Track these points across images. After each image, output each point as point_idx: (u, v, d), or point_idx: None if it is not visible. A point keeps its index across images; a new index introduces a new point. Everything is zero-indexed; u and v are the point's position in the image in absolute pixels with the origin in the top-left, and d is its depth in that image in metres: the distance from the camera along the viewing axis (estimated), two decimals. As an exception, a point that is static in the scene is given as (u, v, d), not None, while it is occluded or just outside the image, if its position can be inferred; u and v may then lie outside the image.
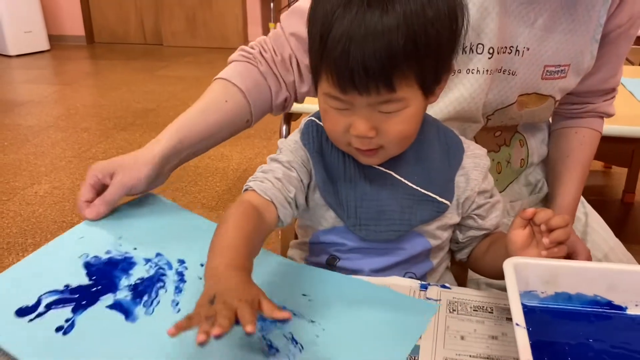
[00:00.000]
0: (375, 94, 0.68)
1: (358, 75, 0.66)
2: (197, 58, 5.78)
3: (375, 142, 0.73)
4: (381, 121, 0.71)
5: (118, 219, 0.84)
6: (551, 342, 0.64)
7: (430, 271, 0.87)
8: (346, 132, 0.73)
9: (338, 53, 0.66)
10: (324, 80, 0.71)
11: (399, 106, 0.70)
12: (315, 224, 0.86)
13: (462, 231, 0.87)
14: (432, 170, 0.82)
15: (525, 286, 0.69)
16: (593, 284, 0.69)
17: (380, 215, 0.81)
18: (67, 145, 3.32)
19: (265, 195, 0.77)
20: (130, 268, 0.74)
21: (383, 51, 0.65)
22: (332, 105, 0.73)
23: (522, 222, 0.73)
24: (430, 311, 0.72)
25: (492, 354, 0.65)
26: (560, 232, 0.70)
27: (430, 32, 0.67)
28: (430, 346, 0.66)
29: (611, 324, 0.67)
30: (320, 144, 0.83)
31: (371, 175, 0.81)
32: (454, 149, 0.84)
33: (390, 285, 0.77)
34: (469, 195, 0.83)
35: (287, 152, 0.83)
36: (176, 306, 0.69)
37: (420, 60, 0.68)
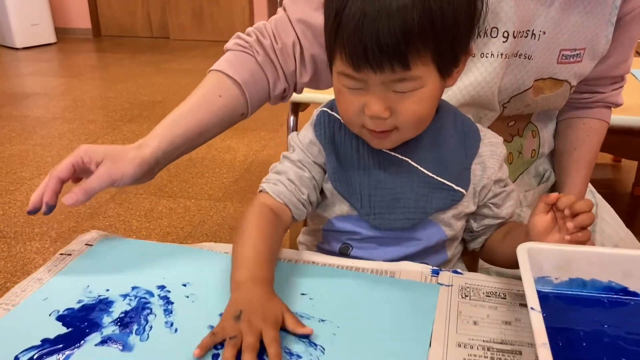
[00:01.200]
0: (389, 71, 0.66)
1: (372, 52, 0.65)
2: (203, 51, 5.77)
3: (389, 123, 0.72)
4: (396, 101, 0.70)
5: (79, 272, 0.76)
6: (565, 328, 0.63)
7: (444, 262, 0.86)
8: (360, 113, 0.72)
9: (352, 29, 0.65)
10: (338, 58, 0.70)
11: (414, 85, 0.69)
12: (329, 213, 0.85)
13: (477, 220, 0.86)
14: (448, 157, 0.81)
15: (539, 272, 0.68)
16: (607, 270, 0.68)
17: (395, 204, 0.79)
18: (74, 136, 3.32)
19: (279, 198, 0.79)
20: (109, 307, 0.68)
21: (397, 27, 0.63)
22: (346, 85, 0.71)
23: (545, 207, 0.72)
24: (434, 291, 0.72)
25: (506, 339, 0.64)
26: (585, 216, 0.69)
27: (446, 10, 0.65)
28: (442, 331, 0.65)
29: (626, 310, 0.66)
30: (332, 133, 0.82)
31: (386, 163, 0.80)
32: (470, 137, 0.83)
33: (402, 271, 0.76)
34: (486, 184, 0.82)
35: (298, 151, 0.83)
36: (171, 326, 0.65)
37: (436, 38, 0.66)
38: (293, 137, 0.85)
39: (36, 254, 2.11)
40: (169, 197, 2.57)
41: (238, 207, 2.47)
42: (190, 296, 0.71)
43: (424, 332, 0.65)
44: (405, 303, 0.70)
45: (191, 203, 2.51)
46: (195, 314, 0.67)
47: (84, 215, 2.40)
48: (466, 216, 0.85)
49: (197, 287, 0.72)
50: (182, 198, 2.56)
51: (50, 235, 2.25)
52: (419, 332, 0.65)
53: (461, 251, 0.91)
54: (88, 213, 2.42)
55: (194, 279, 0.74)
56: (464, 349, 0.63)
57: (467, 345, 0.63)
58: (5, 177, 2.76)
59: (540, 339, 0.54)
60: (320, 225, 0.87)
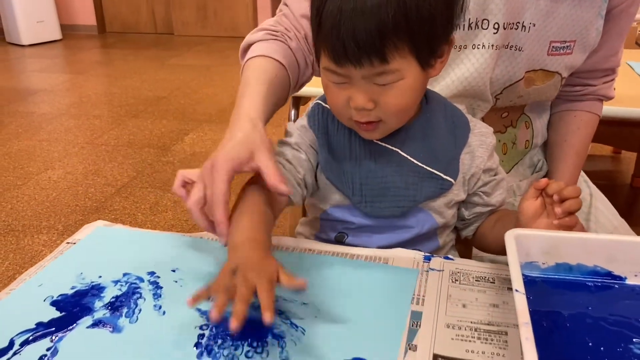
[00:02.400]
0: (368, 65, 0.69)
1: (350, 48, 0.68)
2: (207, 47, 5.80)
3: (374, 114, 0.75)
4: (378, 93, 0.73)
5: (72, 260, 0.79)
6: (551, 311, 0.66)
7: (436, 250, 0.89)
8: (346, 106, 0.75)
9: (330, 27, 0.68)
10: (323, 54, 0.73)
11: (394, 77, 0.71)
12: (324, 204, 0.87)
13: (468, 208, 0.89)
14: (437, 147, 0.83)
15: (527, 257, 0.71)
16: (593, 255, 0.70)
17: (385, 192, 0.82)
18: (80, 132, 3.36)
19: None
20: (101, 292, 0.71)
21: (373, 23, 0.66)
22: (332, 80, 0.75)
23: (534, 192, 0.74)
24: (413, 275, 0.74)
25: (493, 321, 0.67)
26: (572, 202, 0.71)
27: (422, 5, 0.68)
28: (432, 313, 0.68)
29: (611, 293, 0.69)
30: (326, 124, 0.85)
31: (376, 153, 0.83)
32: (460, 127, 0.85)
33: (394, 257, 0.79)
34: (475, 172, 0.85)
35: (295, 135, 0.85)
36: (160, 309, 0.68)
37: (412, 32, 0.68)
38: (290, 124, 0.88)
39: (44, 247, 2.15)
40: (174, 191, 2.60)
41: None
42: (178, 281, 0.74)
43: (401, 314, 0.67)
44: (385, 287, 0.73)
45: (195, 197, 2.54)
46: (183, 297, 0.69)
47: (90, 209, 2.43)
48: (457, 204, 0.87)
49: (186, 273, 0.75)
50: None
51: (57, 228, 2.28)
52: (396, 314, 0.67)
53: (454, 239, 0.93)
54: (94, 207, 2.45)
55: (183, 265, 0.77)
56: (452, 329, 0.65)
57: (456, 326, 0.66)
58: (13, 172, 2.80)
59: (523, 318, 0.56)
60: (316, 214, 0.90)
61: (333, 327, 0.65)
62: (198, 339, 0.63)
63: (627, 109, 1.46)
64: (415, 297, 0.71)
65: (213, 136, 3.27)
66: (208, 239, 0.84)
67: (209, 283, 0.64)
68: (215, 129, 3.38)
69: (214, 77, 4.56)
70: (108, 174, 2.78)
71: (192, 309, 0.68)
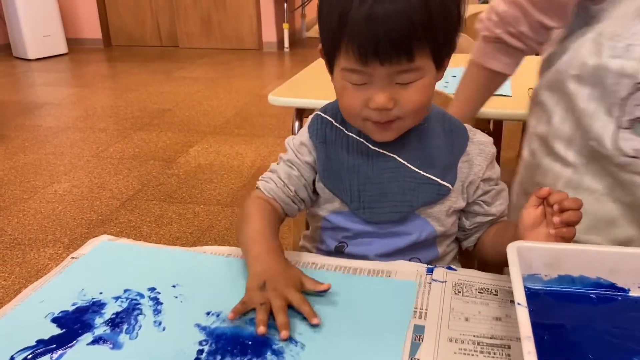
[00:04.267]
0: (396, 63, 0.72)
1: (382, 44, 0.70)
2: (212, 59, 5.83)
3: (393, 113, 0.77)
4: (398, 92, 0.75)
5: (73, 276, 0.79)
6: (553, 324, 0.65)
7: (436, 259, 0.89)
8: (364, 108, 0.77)
9: (362, 24, 0.70)
10: (343, 56, 0.75)
11: (415, 76, 0.75)
12: (323, 211, 0.89)
13: (469, 217, 0.89)
14: (434, 154, 0.85)
15: (529, 269, 0.71)
16: (595, 267, 0.70)
17: (383, 198, 0.84)
18: (86, 145, 3.38)
19: (268, 194, 0.87)
20: (101, 309, 0.72)
21: (404, 20, 0.70)
22: (351, 80, 0.76)
23: (536, 200, 0.74)
24: (412, 288, 0.74)
25: (496, 334, 0.66)
26: (572, 213, 0.71)
27: (442, 11, 0.72)
28: (435, 327, 0.68)
29: (614, 305, 0.68)
30: (324, 133, 0.87)
31: (374, 159, 0.84)
32: (458, 136, 0.87)
33: (397, 270, 0.79)
34: (473, 180, 0.86)
35: (290, 152, 0.89)
36: (159, 325, 0.68)
37: (434, 31, 0.72)
38: (288, 140, 0.91)
39: (50, 260, 2.16)
40: (178, 203, 2.61)
41: (246, 213, 2.50)
42: (179, 296, 0.74)
43: (401, 328, 0.67)
44: (385, 301, 0.73)
45: (200, 208, 2.55)
46: (183, 313, 0.71)
47: (95, 222, 2.44)
48: (456, 213, 0.88)
49: (186, 288, 0.76)
50: (191, 204, 2.59)
51: (63, 241, 2.29)
52: (395, 328, 0.67)
53: (456, 250, 0.93)
54: (99, 220, 2.46)
55: (183, 280, 0.77)
56: (455, 343, 0.65)
57: (458, 340, 0.66)
58: (20, 186, 2.82)
59: (525, 332, 0.56)
60: (317, 223, 0.91)
61: (332, 343, 0.65)
62: (197, 355, 0.63)
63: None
64: (418, 310, 0.71)
65: (218, 148, 3.28)
66: (208, 254, 0.84)
67: (242, 300, 0.70)
68: (219, 141, 3.40)
69: (219, 89, 4.58)
70: (113, 187, 2.79)
71: (192, 325, 0.68)
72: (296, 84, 1.86)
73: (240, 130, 3.59)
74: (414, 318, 0.69)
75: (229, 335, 0.66)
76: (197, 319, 0.69)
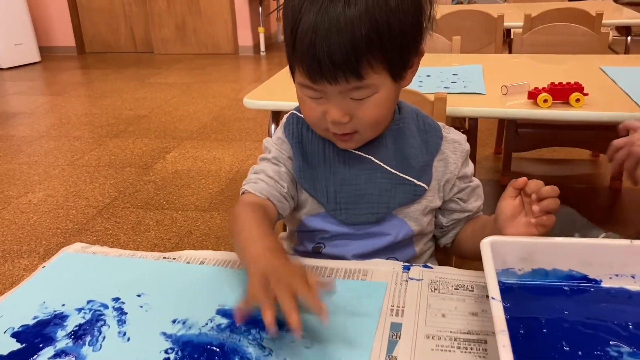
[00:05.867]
0: (344, 82, 0.71)
1: (325, 67, 0.70)
2: (188, 64, 5.79)
3: (350, 126, 0.77)
4: (354, 107, 0.75)
5: (35, 289, 0.77)
6: (528, 317, 0.66)
7: (413, 258, 0.89)
8: (323, 119, 0.77)
9: (306, 46, 0.70)
10: (298, 71, 0.74)
11: (369, 92, 0.74)
12: (300, 213, 0.88)
13: (446, 215, 0.90)
14: (410, 155, 0.85)
15: (503, 264, 0.71)
16: (568, 259, 0.71)
17: (359, 199, 0.84)
18: (60, 153, 3.33)
19: (261, 194, 0.83)
20: (63, 321, 0.70)
21: (347, 42, 0.68)
22: (307, 95, 0.76)
23: (513, 191, 0.75)
24: (381, 289, 0.74)
25: (472, 329, 0.67)
26: (550, 201, 0.72)
27: (393, 21, 0.70)
28: (412, 324, 0.68)
29: (586, 297, 0.69)
30: (300, 134, 0.86)
31: (350, 161, 0.84)
32: (432, 135, 0.87)
33: (373, 269, 0.79)
34: (449, 179, 0.86)
35: (273, 150, 0.87)
36: (124, 336, 0.67)
37: (385, 48, 0.71)
38: (267, 140, 0.90)
39: (25, 271, 2.12)
40: (156, 209, 2.58)
41: (225, 217, 2.48)
42: (144, 306, 0.73)
43: (370, 329, 0.67)
44: (356, 302, 0.72)
45: (178, 214, 2.53)
46: (148, 322, 0.69)
47: (71, 232, 2.41)
48: (433, 211, 0.88)
49: (152, 297, 0.74)
50: (169, 210, 2.57)
51: (38, 252, 2.25)
52: (365, 329, 0.67)
53: (432, 248, 0.94)
54: (76, 229, 2.43)
55: (149, 289, 0.76)
56: (432, 340, 0.65)
57: (435, 336, 0.66)
58: (-8, 197, 2.77)
59: (500, 326, 0.56)
60: (294, 226, 0.91)
61: (300, 346, 0.64)
62: None
63: (602, 113, 1.48)
64: (395, 308, 0.71)
65: (195, 153, 3.26)
66: (173, 261, 0.83)
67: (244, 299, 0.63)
68: (196, 146, 3.37)
69: (195, 94, 4.55)
70: (89, 195, 2.75)
71: (157, 333, 0.67)
72: (272, 87, 1.85)
73: (218, 135, 3.56)
74: (390, 316, 0.69)
75: (196, 343, 0.65)
76: (162, 328, 0.68)
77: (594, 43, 2.37)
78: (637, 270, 0.69)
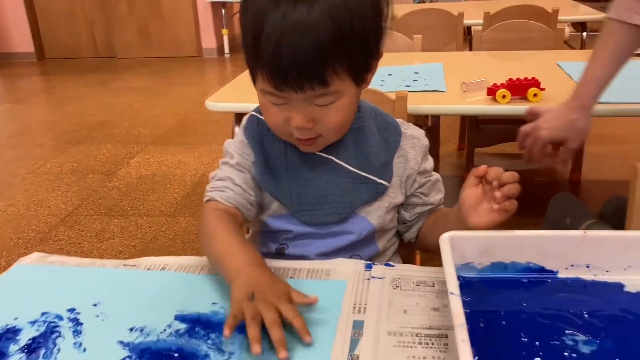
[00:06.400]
0: (309, 90, 0.71)
1: (291, 75, 0.69)
2: (151, 68, 5.72)
3: (314, 131, 0.77)
4: (318, 113, 0.75)
5: None
6: (488, 310, 0.67)
7: (377, 255, 0.90)
8: (286, 124, 0.77)
9: (270, 55, 0.69)
10: (260, 78, 0.73)
11: (333, 98, 0.74)
12: (262, 214, 0.88)
13: (409, 209, 0.91)
14: (370, 153, 0.85)
15: (463, 259, 0.72)
16: (525, 252, 0.72)
17: (323, 200, 0.84)
18: (21, 162, 3.25)
19: (229, 203, 0.82)
20: (16, 335, 0.68)
21: (313, 49, 0.68)
22: (270, 101, 0.76)
23: (474, 180, 0.76)
24: (342, 288, 0.74)
25: (433, 325, 0.67)
26: (511, 186, 0.73)
27: (355, 23, 0.70)
28: (374, 321, 0.68)
29: (544, 288, 0.70)
30: (261, 136, 0.85)
31: (312, 162, 0.84)
32: (391, 132, 0.88)
33: (335, 269, 0.79)
34: (410, 174, 0.87)
35: (236, 155, 0.86)
36: (80, 347, 0.65)
37: (349, 53, 0.71)
38: (228, 143, 0.88)
39: (-15, 285, 2.06)
40: (120, 216, 2.54)
41: (190, 221, 2.46)
42: (100, 315, 0.71)
43: (330, 328, 0.66)
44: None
45: (143, 220, 2.49)
46: (105, 331, 0.68)
47: (34, 241, 2.35)
48: (395, 208, 0.89)
49: (108, 306, 0.73)
50: (134, 216, 2.53)
51: (-1, 264, 2.20)
52: (325, 328, 0.66)
53: (396, 244, 0.94)
54: (38, 238, 2.37)
55: (105, 298, 0.74)
56: (394, 336, 0.65)
57: (397, 332, 0.66)
58: (-50, 209, 2.68)
59: (458, 320, 0.57)
60: (257, 228, 0.90)
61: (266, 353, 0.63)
62: None
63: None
64: (357, 306, 0.71)
65: (159, 158, 3.22)
66: (133, 268, 0.82)
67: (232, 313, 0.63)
68: (161, 151, 3.33)
69: (159, 98, 4.49)
70: (52, 204, 2.69)
71: (114, 342, 0.65)
72: (235, 89, 1.84)
73: (182, 139, 3.53)
74: (353, 314, 0.69)
75: (154, 349, 0.64)
76: (119, 336, 0.66)
77: (551, 39, 2.42)
78: (592, 259, 0.71)
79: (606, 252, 0.70)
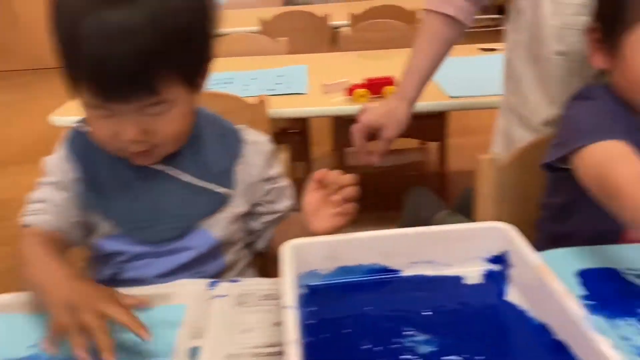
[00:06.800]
0: (137, 100, 0.67)
1: (115, 86, 0.65)
2: (10, 82, 5.29)
3: (148, 143, 0.72)
4: (151, 123, 0.70)
5: None
6: (333, 318, 0.64)
7: (224, 270, 0.85)
8: (116, 138, 0.71)
9: (90, 64, 0.64)
10: (84, 89, 0.68)
11: (166, 107, 0.70)
12: (91, 237, 0.81)
13: (256, 219, 0.87)
14: (209, 161, 0.81)
15: (307, 266, 0.69)
16: (369, 253, 0.70)
17: (158, 215, 0.78)
18: None
19: (50, 227, 0.75)
20: None
21: (136, 56, 0.63)
22: (96, 114, 0.70)
23: (314, 184, 0.73)
24: (179, 313, 0.68)
25: (274, 342, 0.63)
26: (350, 189, 0.71)
27: (181, 32, 0.67)
28: (212, 346, 0.63)
29: (388, 289, 0.69)
30: (85, 151, 0.79)
31: (144, 175, 0.78)
32: (231, 139, 0.84)
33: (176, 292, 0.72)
34: (253, 182, 0.83)
35: (55, 173, 0.79)
36: None
37: (176, 58, 0.67)
38: (48, 160, 0.81)
39: None
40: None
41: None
42: None
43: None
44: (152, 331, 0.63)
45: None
46: None
47: None
48: (240, 218, 0.84)
49: None
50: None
51: None
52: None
53: (248, 257, 0.90)
54: None
55: None
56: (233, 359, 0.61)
57: (236, 355, 0.62)
58: None
59: (290, 336, 0.53)
60: (87, 253, 0.82)
61: None
62: None
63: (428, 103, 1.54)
64: (195, 330, 0.65)
65: (22, 179, 2.95)
66: None
67: (52, 327, 0.59)
68: (22, 171, 3.05)
69: (18, 114, 4.15)
70: None
71: None
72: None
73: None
74: (191, 339, 0.64)
75: None
76: None
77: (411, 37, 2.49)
78: (434, 255, 0.70)
79: (446, 246, 0.70)
